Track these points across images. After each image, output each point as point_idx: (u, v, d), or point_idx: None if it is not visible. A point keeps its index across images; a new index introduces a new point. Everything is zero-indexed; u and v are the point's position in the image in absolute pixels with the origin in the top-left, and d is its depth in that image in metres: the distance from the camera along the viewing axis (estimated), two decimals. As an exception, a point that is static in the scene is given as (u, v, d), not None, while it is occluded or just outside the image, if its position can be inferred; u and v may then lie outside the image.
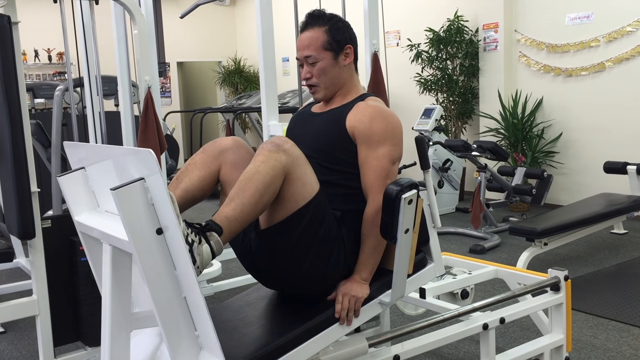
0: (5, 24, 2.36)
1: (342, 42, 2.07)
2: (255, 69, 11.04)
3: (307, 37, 2.06)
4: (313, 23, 2.07)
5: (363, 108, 2.02)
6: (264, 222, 1.86)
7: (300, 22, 2.13)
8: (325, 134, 2.05)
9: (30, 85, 6.18)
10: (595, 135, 6.14)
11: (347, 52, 2.09)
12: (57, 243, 2.76)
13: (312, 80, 2.09)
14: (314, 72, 2.07)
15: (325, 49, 2.05)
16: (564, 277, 2.55)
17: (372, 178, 1.96)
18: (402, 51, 7.62)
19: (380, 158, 1.96)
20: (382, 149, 1.96)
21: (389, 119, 2.00)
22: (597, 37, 6.03)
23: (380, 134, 1.97)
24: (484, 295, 3.77)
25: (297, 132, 2.16)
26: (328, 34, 2.05)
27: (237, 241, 1.97)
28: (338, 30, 2.07)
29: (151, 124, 3.16)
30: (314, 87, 2.10)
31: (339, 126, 2.02)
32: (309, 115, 2.19)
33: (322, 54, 2.05)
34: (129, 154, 1.47)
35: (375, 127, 1.97)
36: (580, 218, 4.35)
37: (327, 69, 2.07)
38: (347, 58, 2.10)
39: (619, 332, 3.21)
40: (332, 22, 2.07)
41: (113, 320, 1.56)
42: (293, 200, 1.80)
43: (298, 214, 1.80)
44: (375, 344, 2.09)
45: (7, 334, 3.53)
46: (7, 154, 2.44)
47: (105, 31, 4.43)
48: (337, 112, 2.07)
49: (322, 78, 2.08)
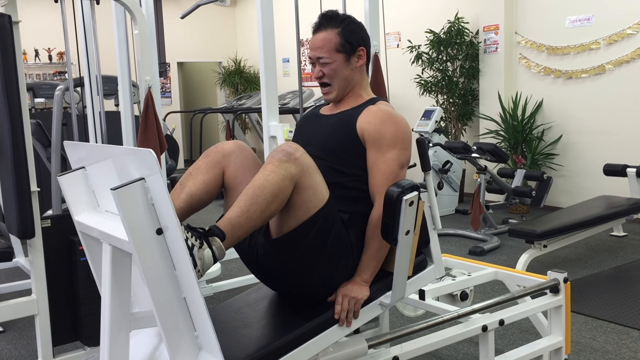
0: (6, 24, 2.36)
1: (354, 44, 2.07)
2: (255, 70, 11.04)
3: (320, 39, 2.06)
4: (326, 24, 2.07)
5: (374, 112, 2.02)
6: (274, 230, 1.85)
7: (314, 22, 2.11)
8: (335, 136, 2.04)
9: (31, 84, 6.18)
10: (595, 137, 6.14)
11: (360, 54, 2.10)
12: (57, 243, 2.76)
13: (324, 79, 2.09)
14: (326, 72, 2.08)
15: (337, 51, 2.05)
16: (563, 280, 2.55)
17: (379, 181, 1.96)
18: (403, 53, 7.62)
19: (389, 162, 1.96)
20: (391, 153, 1.96)
21: (399, 124, 2.00)
22: (597, 40, 6.03)
23: (390, 138, 1.97)
24: (484, 297, 3.77)
25: (306, 133, 2.15)
26: (341, 36, 2.05)
27: (244, 245, 1.95)
28: (351, 32, 2.07)
29: (151, 124, 3.16)
30: (327, 87, 2.11)
31: (349, 128, 2.02)
32: (319, 117, 2.18)
33: (335, 56, 2.05)
34: (129, 154, 1.47)
35: (385, 131, 1.97)
36: (580, 220, 4.35)
37: (339, 71, 2.07)
38: (359, 60, 2.10)
39: (618, 335, 3.21)
40: (345, 24, 2.07)
41: (112, 320, 1.56)
42: (304, 208, 1.79)
43: (309, 222, 1.80)
44: (374, 345, 2.08)
45: (6, 333, 3.53)
46: (7, 154, 2.44)
47: (105, 31, 4.43)
48: (347, 115, 2.07)
49: (334, 79, 2.08)
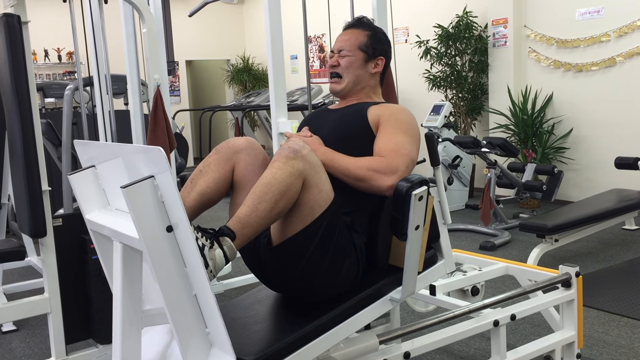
0: (15, 24, 2.38)
1: (377, 51, 2.17)
2: (263, 67, 11.05)
3: (349, 33, 2.19)
4: (359, 25, 2.21)
5: (390, 105, 2.08)
6: (278, 231, 1.83)
7: (347, 21, 2.24)
8: (344, 123, 2.06)
9: (41, 84, 6.22)
10: (606, 130, 6.10)
11: (378, 63, 2.18)
12: (68, 241, 2.77)
13: (338, 69, 2.16)
14: (342, 63, 2.15)
15: (360, 49, 2.15)
16: (575, 274, 2.54)
17: (381, 143, 1.96)
18: (411, 48, 7.60)
19: (398, 134, 1.96)
20: (401, 134, 1.97)
21: (414, 122, 2.05)
22: (607, 32, 5.99)
23: (403, 122, 2.00)
24: (495, 292, 3.76)
25: (314, 125, 2.15)
26: (368, 39, 2.16)
27: (247, 247, 1.93)
28: (378, 41, 2.18)
29: (160, 123, 3.17)
30: (336, 78, 2.16)
31: (360, 116, 2.04)
32: (326, 112, 2.22)
33: (356, 52, 2.15)
34: (139, 152, 1.48)
35: (399, 116, 2.01)
36: (591, 214, 4.32)
37: (354, 66, 2.14)
38: (376, 67, 2.18)
39: (631, 329, 3.19)
40: (376, 32, 2.20)
41: (124, 317, 1.57)
42: (309, 207, 1.78)
43: (315, 223, 1.79)
44: (385, 340, 2.08)
45: (20, 331, 3.56)
46: (18, 153, 2.45)
47: (114, 30, 4.45)
48: (357, 105, 2.12)
49: (346, 72, 2.15)
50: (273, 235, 1.85)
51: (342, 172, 1.90)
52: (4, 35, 2.37)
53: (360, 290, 1.93)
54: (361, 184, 1.89)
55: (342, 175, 1.90)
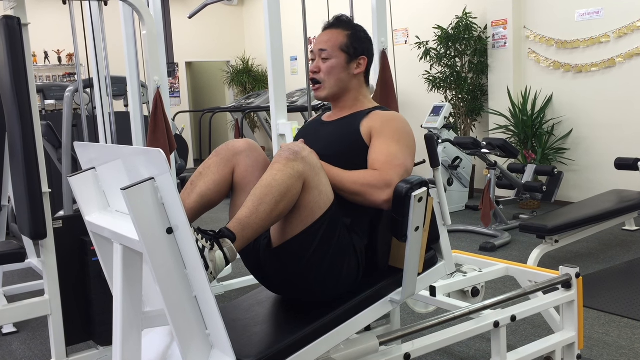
0: (15, 26, 2.38)
1: (358, 50, 2.12)
2: (263, 68, 11.05)
3: (328, 34, 2.13)
4: (338, 25, 2.14)
5: (382, 114, 2.05)
6: (278, 232, 1.83)
7: (326, 22, 2.18)
8: (338, 140, 2.04)
9: (41, 86, 6.22)
10: (606, 131, 6.10)
11: (360, 62, 2.13)
12: (69, 243, 2.78)
13: (318, 76, 2.11)
14: (323, 68, 2.10)
15: (341, 49, 2.09)
16: (575, 275, 2.54)
17: (375, 155, 1.94)
18: (411, 49, 7.60)
19: (390, 144, 1.95)
20: (393, 144, 1.95)
21: (407, 128, 2.03)
22: (607, 33, 5.99)
23: (395, 130, 1.98)
24: (495, 293, 3.76)
25: (309, 140, 2.13)
26: (348, 39, 2.11)
27: (247, 249, 1.93)
28: (359, 40, 2.13)
29: (160, 124, 3.17)
30: (318, 85, 2.12)
31: (353, 131, 2.02)
32: (320, 124, 2.19)
33: (337, 53, 2.09)
34: (139, 154, 1.48)
35: (391, 124, 1.99)
36: (592, 215, 4.32)
37: (336, 70, 2.09)
38: (358, 67, 2.13)
39: (631, 330, 3.19)
40: (355, 30, 2.14)
41: (124, 319, 1.57)
42: (309, 209, 1.78)
43: (315, 225, 1.78)
44: (385, 342, 2.08)
45: (20, 333, 3.56)
46: (19, 155, 2.45)
47: (114, 32, 4.45)
48: (350, 118, 2.08)
49: (328, 77, 2.10)
50: (273, 236, 1.85)
51: (337, 187, 1.89)
52: (4, 37, 2.37)
53: (361, 291, 1.93)
54: (357, 198, 1.89)
55: (338, 189, 1.89)
